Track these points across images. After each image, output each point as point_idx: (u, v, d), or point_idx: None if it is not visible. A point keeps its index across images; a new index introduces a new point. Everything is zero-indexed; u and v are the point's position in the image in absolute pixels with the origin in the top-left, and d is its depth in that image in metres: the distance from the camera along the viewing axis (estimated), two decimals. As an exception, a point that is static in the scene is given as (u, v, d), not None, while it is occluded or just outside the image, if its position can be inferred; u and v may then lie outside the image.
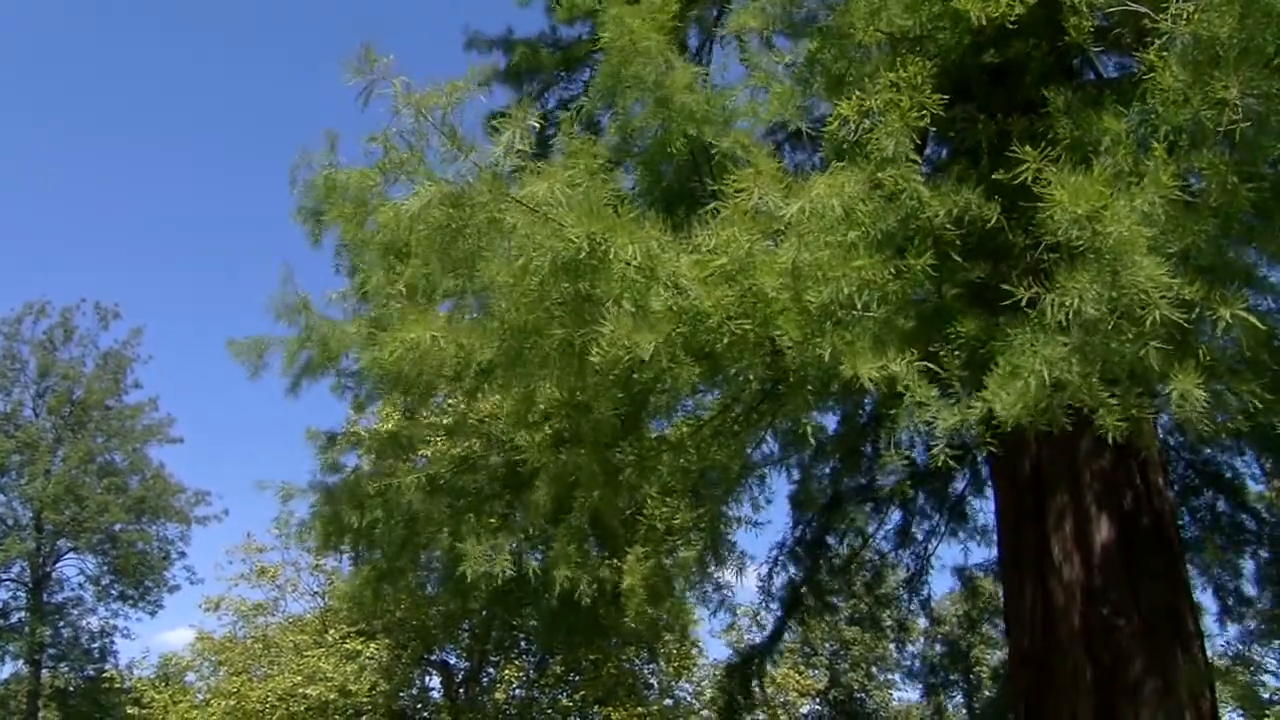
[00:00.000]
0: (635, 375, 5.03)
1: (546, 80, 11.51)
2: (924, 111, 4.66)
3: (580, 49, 10.79)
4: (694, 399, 6.88)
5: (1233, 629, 11.86)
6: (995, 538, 9.10)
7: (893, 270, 4.61)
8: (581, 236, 4.46)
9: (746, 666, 13.38)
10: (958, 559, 13.86)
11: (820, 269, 4.38)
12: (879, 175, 4.66)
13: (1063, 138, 4.45)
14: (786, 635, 13.38)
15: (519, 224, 4.64)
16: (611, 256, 4.49)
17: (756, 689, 13.28)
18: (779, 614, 12.90)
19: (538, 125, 4.82)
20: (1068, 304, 4.09)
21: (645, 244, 4.54)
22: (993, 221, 4.95)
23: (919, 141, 4.87)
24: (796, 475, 10.56)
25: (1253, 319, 4.12)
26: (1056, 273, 4.21)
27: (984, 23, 4.88)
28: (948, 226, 4.95)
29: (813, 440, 8.70)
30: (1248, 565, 11.44)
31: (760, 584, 12.46)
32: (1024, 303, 4.36)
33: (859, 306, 4.48)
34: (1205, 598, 11.62)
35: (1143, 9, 4.49)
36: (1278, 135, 4.11)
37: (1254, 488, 11.17)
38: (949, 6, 5.05)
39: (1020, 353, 4.33)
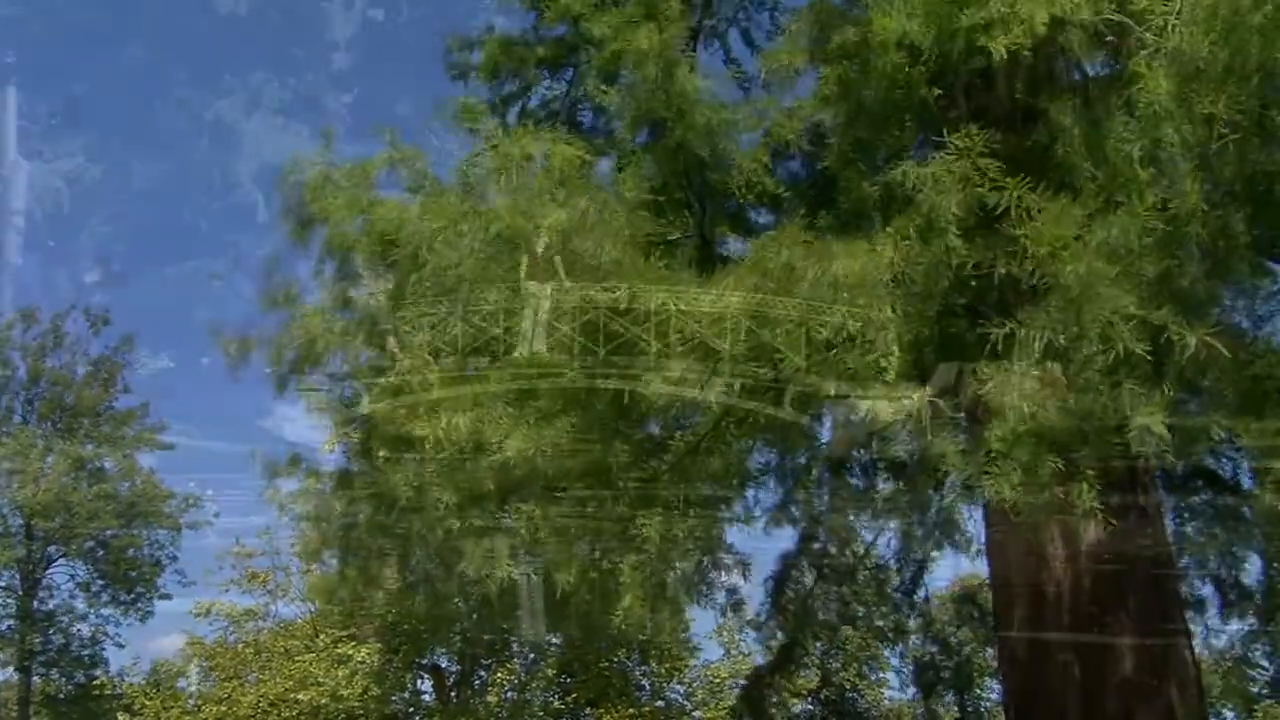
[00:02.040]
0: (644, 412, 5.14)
1: (529, 79, 11.52)
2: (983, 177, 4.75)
3: (563, 47, 10.81)
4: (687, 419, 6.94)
5: (1227, 627, 11.81)
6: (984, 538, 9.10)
7: (893, 310, 4.71)
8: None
9: (756, 689, 13.09)
10: (950, 560, 13.81)
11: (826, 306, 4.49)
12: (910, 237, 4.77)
13: (1052, 158, 4.51)
14: (780, 633, 13.11)
15: None
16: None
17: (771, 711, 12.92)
18: (787, 628, 12.64)
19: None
20: (1038, 338, 4.16)
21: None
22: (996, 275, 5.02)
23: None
24: (790, 483, 10.54)
25: (1218, 345, 4.14)
26: (1025, 307, 4.30)
27: (1004, 55, 4.95)
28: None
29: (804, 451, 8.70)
30: (1251, 558, 11.37)
31: (767, 597, 12.17)
32: (999, 341, 4.45)
33: (860, 340, 4.59)
34: (1206, 593, 11.58)
35: (1129, 21, 4.52)
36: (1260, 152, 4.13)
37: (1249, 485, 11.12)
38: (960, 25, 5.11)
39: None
